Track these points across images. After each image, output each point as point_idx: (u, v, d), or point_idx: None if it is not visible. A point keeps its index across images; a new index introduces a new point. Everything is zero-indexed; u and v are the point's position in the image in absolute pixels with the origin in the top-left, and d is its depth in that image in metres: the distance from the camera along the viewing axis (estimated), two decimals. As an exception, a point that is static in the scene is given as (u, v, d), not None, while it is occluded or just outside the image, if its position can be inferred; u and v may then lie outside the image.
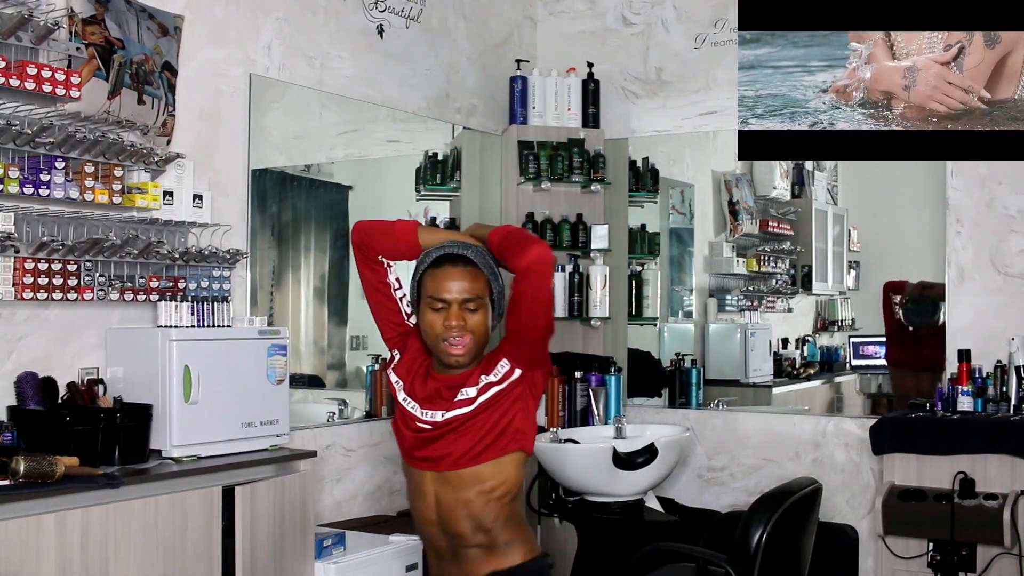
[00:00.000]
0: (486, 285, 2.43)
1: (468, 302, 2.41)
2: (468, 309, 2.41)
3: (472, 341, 2.42)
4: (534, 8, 5.23)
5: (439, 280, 2.42)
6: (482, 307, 2.42)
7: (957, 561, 3.75)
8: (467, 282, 2.41)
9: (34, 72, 2.87)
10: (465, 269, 2.41)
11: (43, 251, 2.98)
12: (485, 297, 2.43)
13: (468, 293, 2.41)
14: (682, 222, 5.55)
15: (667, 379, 5.06)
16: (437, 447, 2.46)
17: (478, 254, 2.44)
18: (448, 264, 2.42)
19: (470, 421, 2.43)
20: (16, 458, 2.59)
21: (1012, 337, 4.02)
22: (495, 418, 2.43)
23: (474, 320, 2.41)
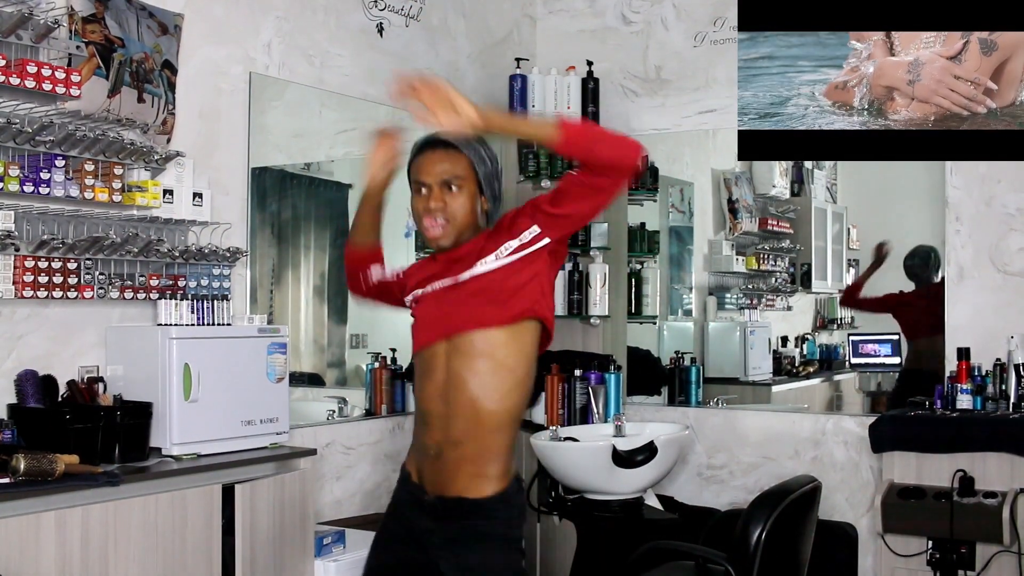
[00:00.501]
0: (469, 166, 2.44)
1: (448, 183, 2.43)
2: (448, 190, 2.43)
3: (451, 225, 2.43)
4: (534, 6, 5.23)
5: (420, 164, 2.47)
6: (464, 187, 2.43)
7: (956, 559, 3.75)
8: (447, 163, 2.43)
9: (34, 71, 2.87)
10: (445, 152, 2.44)
11: (43, 249, 2.98)
12: (467, 178, 2.44)
13: (447, 174, 2.43)
14: (681, 220, 5.55)
15: (666, 377, 5.06)
16: (453, 306, 2.44)
17: (463, 141, 2.43)
18: (428, 148, 2.47)
19: (492, 279, 2.41)
20: (16, 456, 2.59)
21: (1011, 335, 4.02)
22: (516, 280, 2.40)
23: (455, 201, 2.43)
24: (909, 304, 4.99)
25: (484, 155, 2.47)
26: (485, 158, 2.47)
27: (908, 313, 5.01)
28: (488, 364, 2.40)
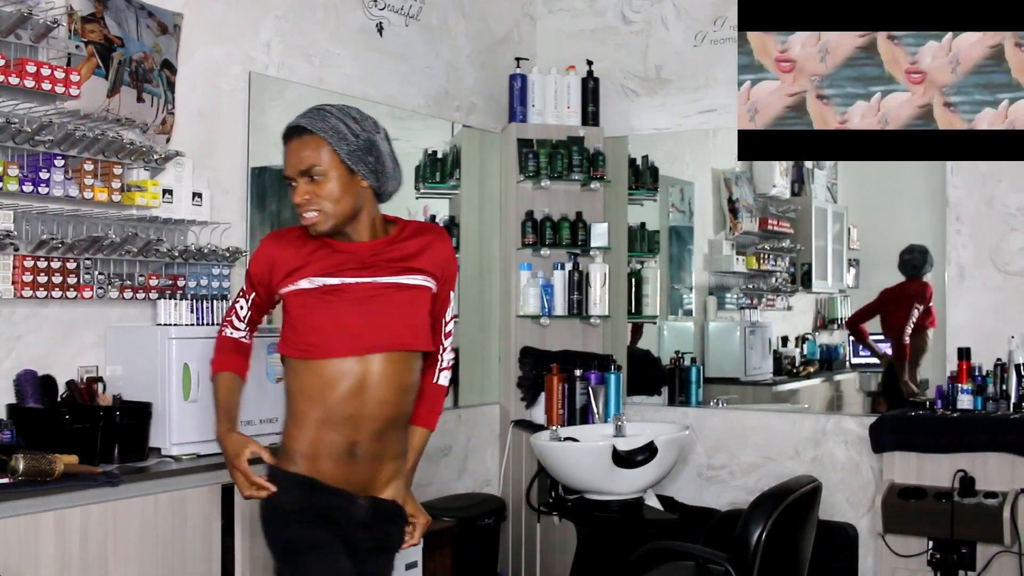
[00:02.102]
0: (329, 150, 2.31)
1: (307, 174, 2.32)
2: (311, 180, 2.32)
3: (323, 213, 2.33)
4: (534, 6, 5.23)
5: (284, 157, 2.36)
6: (329, 172, 2.32)
7: (957, 559, 3.75)
8: (305, 151, 2.31)
9: (33, 70, 2.87)
10: (300, 140, 2.32)
11: (42, 249, 2.98)
12: (330, 163, 2.31)
13: (305, 164, 2.31)
14: (682, 220, 5.55)
15: (667, 377, 5.05)
16: (382, 316, 2.38)
17: (318, 118, 2.32)
18: (286, 139, 2.36)
19: (416, 296, 2.43)
20: (15, 456, 2.59)
21: (1012, 335, 4.02)
22: (425, 310, 2.46)
23: (322, 189, 2.32)
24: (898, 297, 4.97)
25: (346, 130, 2.33)
26: (347, 133, 2.33)
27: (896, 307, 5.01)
28: (405, 378, 2.44)
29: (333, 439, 2.39)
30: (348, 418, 2.38)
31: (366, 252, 2.41)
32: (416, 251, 2.47)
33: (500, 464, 4.85)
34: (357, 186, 2.35)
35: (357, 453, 2.40)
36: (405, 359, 2.42)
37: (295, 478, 2.41)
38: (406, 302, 2.43)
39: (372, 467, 2.44)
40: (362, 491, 2.44)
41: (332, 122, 2.32)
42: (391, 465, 2.48)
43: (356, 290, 2.39)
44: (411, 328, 2.43)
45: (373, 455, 2.42)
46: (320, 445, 2.40)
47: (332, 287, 2.39)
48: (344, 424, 2.38)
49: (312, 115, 2.34)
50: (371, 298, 2.39)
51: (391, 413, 2.42)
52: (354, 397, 2.37)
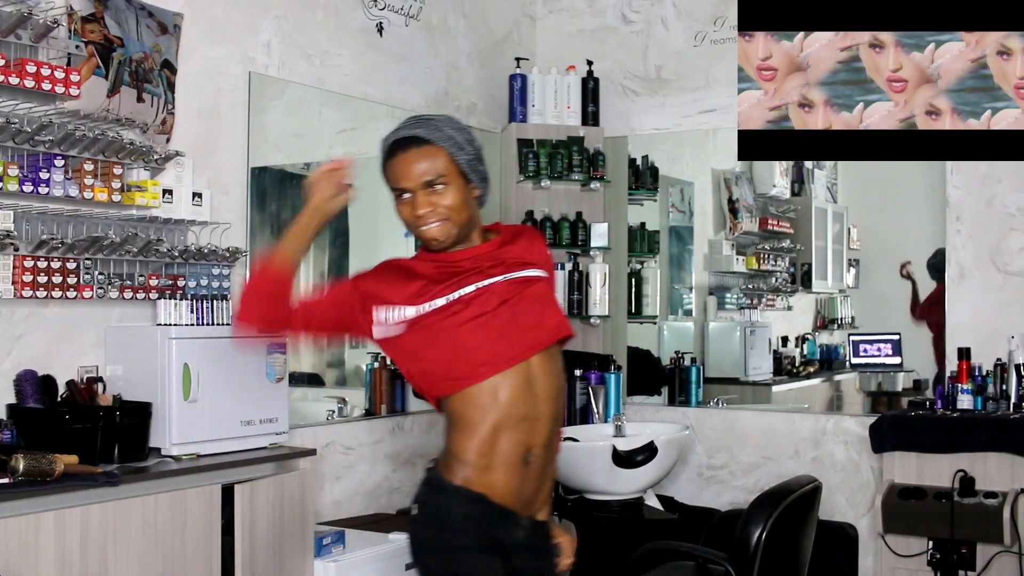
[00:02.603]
0: (449, 159, 2.24)
1: (430, 184, 2.24)
2: (434, 190, 2.24)
3: (449, 222, 2.25)
4: (533, 6, 5.23)
5: (395, 169, 2.26)
6: (450, 183, 2.24)
7: (957, 559, 3.75)
8: (424, 162, 2.23)
9: (33, 70, 2.87)
10: (419, 150, 2.24)
11: (42, 249, 2.98)
12: (450, 172, 2.25)
13: (428, 175, 2.23)
14: (682, 220, 5.55)
15: (667, 377, 5.06)
16: (531, 313, 2.25)
17: (432, 128, 2.25)
18: (399, 150, 2.26)
19: (545, 287, 2.34)
20: (15, 456, 2.59)
21: (1012, 335, 4.02)
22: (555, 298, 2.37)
23: (444, 200, 2.24)
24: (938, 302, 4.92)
25: (461, 140, 2.28)
26: (462, 143, 2.28)
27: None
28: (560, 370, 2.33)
29: (508, 445, 2.22)
30: (523, 419, 2.22)
31: (485, 257, 2.31)
32: (522, 252, 2.38)
33: (500, 464, 4.84)
34: (471, 195, 2.31)
35: (530, 461, 2.25)
36: (557, 351, 2.32)
37: (463, 491, 2.22)
38: (541, 294, 2.31)
39: (539, 480, 2.28)
40: (525, 510, 2.27)
41: (447, 132, 2.26)
42: (549, 483, 2.34)
43: (494, 292, 2.26)
44: (556, 316, 2.33)
45: (541, 465, 2.28)
46: (494, 453, 2.22)
47: (469, 296, 2.25)
48: (519, 427, 2.22)
49: (425, 125, 2.26)
50: (511, 298, 2.26)
51: (557, 410, 2.30)
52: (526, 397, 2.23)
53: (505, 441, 2.22)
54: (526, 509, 2.28)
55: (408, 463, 4.40)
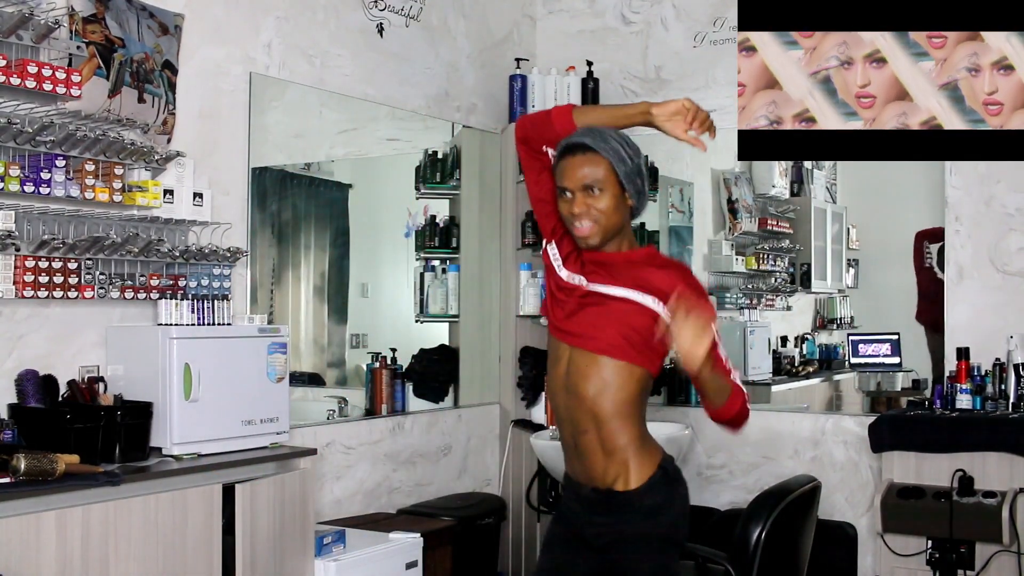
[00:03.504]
0: (609, 168, 2.47)
1: (589, 188, 2.47)
2: (591, 193, 2.47)
3: (597, 225, 2.48)
4: (533, 7, 5.24)
5: (563, 170, 2.50)
6: (606, 189, 2.47)
7: (956, 559, 3.75)
8: (587, 167, 2.46)
9: (35, 71, 2.87)
10: (584, 156, 2.47)
11: (44, 249, 2.98)
12: (608, 180, 2.47)
13: (588, 180, 2.46)
14: (681, 220, 5.55)
15: (666, 377, 5.06)
16: (585, 320, 2.51)
17: (600, 139, 2.47)
18: (568, 154, 2.49)
19: (616, 307, 2.49)
20: (17, 456, 2.59)
21: (1011, 335, 4.02)
22: (638, 324, 2.49)
23: (598, 203, 2.47)
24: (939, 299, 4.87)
25: (624, 154, 2.49)
26: (625, 156, 2.49)
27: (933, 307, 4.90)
28: (605, 373, 2.52)
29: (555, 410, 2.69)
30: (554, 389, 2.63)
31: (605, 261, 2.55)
32: (640, 275, 2.53)
33: (500, 464, 4.86)
34: (625, 204, 2.52)
35: (567, 440, 2.64)
36: (609, 363, 2.53)
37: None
38: (614, 312, 2.52)
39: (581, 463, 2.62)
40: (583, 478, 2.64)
41: (613, 144, 2.48)
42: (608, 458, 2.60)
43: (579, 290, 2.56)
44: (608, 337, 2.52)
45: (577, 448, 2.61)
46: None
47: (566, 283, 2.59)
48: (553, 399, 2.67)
49: (594, 135, 2.48)
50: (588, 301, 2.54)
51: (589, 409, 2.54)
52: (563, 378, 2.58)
53: (555, 404, 2.63)
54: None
55: (408, 463, 4.40)
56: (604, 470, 2.52)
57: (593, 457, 2.53)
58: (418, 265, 4.70)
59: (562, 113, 2.57)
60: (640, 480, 2.53)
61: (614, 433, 2.52)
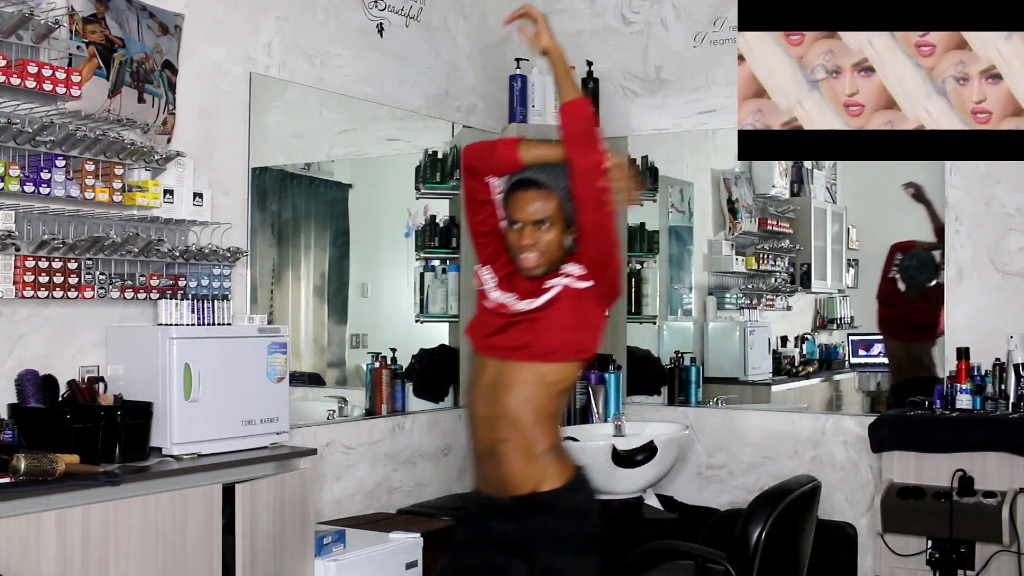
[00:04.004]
0: (558, 206, 2.60)
1: (539, 223, 2.60)
2: (540, 228, 2.60)
3: (543, 256, 2.62)
4: (534, 6, 5.22)
5: (514, 203, 2.63)
6: (554, 225, 2.61)
7: (956, 559, 3.75)
8: (538, 203, 2.60)
9: (35, 71, 2.87)
10: (538, 192, 2.61)
11: (44, 249, 2.98)
12: (556, 216, 2.61)
13: (539, 215, 2.60)
14: (681, 220, 5.56)
15: (666, 377, 5.06)
16: (521, 336, 2.61)
17: (552, 177, 2.62)
18: (521, 189, 2.63)
19: (552, 313, 2.60)
20: (17, 456, 2.59)
21: (1011, 335, 4.02)
22: (573, 318, 2.61)
23: (545, 238, 2.61)
24: (902, 306, 4.98)
25: (569, 192, 2.63)
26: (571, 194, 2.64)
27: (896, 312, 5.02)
28: (536, 376, 2.61)
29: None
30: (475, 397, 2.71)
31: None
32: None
33: (500, 464, 4.85)
34: (568, 237, 2.65)
35: (481, 446, 2.70)
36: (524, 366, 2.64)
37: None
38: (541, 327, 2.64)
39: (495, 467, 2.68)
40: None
41: (563, 183, 2.61)
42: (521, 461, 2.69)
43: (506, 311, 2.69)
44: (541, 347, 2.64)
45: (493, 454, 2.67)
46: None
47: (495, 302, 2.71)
48: (471, 408, 2.74)
49: (548, 173, 2.63)
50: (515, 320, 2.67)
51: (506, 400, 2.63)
52: (473, 389, 2.71)
53: (472, 413, 2.71)
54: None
55: (408, 463, 4.41)
56: (524, 476, 2.59)
57: (512, 464, 2.59)
58: (418, 265, 4.70)
59: (508, 145, 2.69)
60: (563, 480, 2.60)
61: (535, 440, 2.60)
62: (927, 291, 4.67)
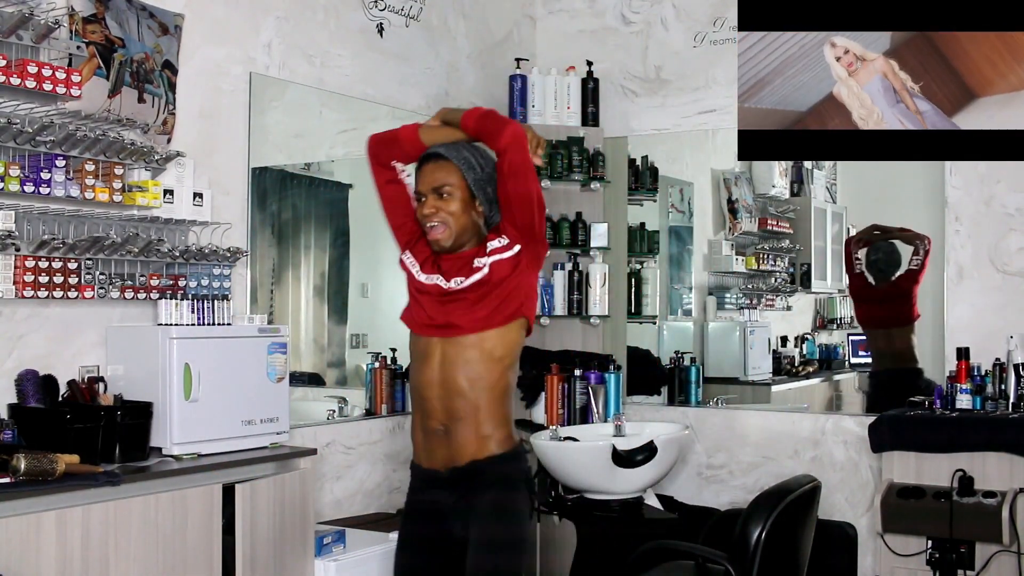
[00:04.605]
0: (458, 174, 2.73)
1: (438, 189, 2.72)
2: (441, 197, 2.72)
3: (447, 227, 2.73)
4: (533, 7, 5.24)
5: (419, 177, 2.79)
6: (455, 193, 2.72)
7: (956, 559, 3.75)
8: (439, 173, 2.73)
9: (35, 71, 2.87)
10: (437, 163, 2.74)
11: (44, 249, 2.98)
12: (457, 185, 2.73)
13: (437, 182, 2.73)
14: (681, 220, 5.56)
15: (666, 377, 5.06)
16: (454, 313, 2.71)
17: (453, 149, 2.75)
18: (424, 163, 2.79)
19: (486, 286, 2.70)
20: (17, 456, 2.59)
21: (1011, 335, 4.02)
22: (506, 289, 2.69)
23: (448, 206, 2.72)
24: (868, 297, 5.04)
25: (475, 163, 2.76)
26: (475, 165, 2.75)
27: (867, 306, 5.09)
28: (479, 351, 2.70)
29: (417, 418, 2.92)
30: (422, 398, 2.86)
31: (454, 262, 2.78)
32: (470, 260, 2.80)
33: (500, 464, 4.85)
34: (475, 209, 2.76)
35: (430, 426, 2.85)
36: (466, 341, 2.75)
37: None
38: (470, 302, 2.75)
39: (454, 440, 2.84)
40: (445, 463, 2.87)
41: (464, 154, 2.75)
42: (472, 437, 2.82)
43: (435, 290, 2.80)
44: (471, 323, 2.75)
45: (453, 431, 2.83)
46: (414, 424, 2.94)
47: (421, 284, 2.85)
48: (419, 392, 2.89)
49: (448, 146, 2.77)
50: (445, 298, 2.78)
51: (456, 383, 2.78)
52: (422, 373, 2.83)
53: (420, 396, 2.83)
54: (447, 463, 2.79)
55: (408, 463, 4.39)
56: (469, 449, 2.72)
57: (463, 440, 2.72)
58: (418, 265, 4.69)
59: (409, 130, 2.86)
60: (500, 451, 2.73)
61: (488, 418, 2.71)
62: (898, 279, 4.75)
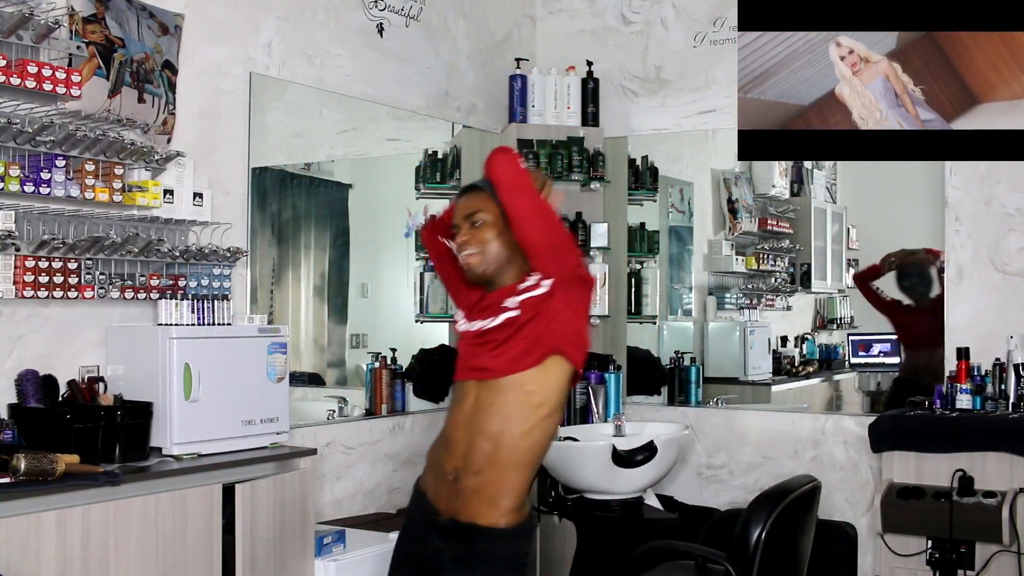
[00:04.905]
0: (491, 202, 2.62)
1: (470, 217, 2.63)
2: (474, 225, 2.63)
3: (481, 254, 2.62)
4: (534, 7, 5.24)
5: (453, 211, 2.74)
6: (488, 219, 2.62)
7: (956, 559, 3.75)
8: (472, 201, 2.66)
9: (35, 71, 2.87)
10: (471, 195, 2.69)
11: (44, 249, 2.98)
12: (489, 212, 2.62)
13: (470, 209, 2.64)
14: (681, 220, 5.56)
15: (666, 377, 5.06)
16: (485, 356, 2.59)
17: (486, 181, 2.67)
18: (459, 197, 2.76)
19: (514, 327, 2.55)
20: (17, 456, 2.59)
21: (1011, 335, 4.02)
22: (537, 327, 2.54)
23: (480, 234, 2.62)
24: (909, 322, 4.99)
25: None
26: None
27: (908, 328, 5.03)
28: (516, 394, 2.54)
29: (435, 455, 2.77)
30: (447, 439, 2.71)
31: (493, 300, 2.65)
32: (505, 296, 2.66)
33: (500, 464, 4.85)
34: (509, 238, 2.61)
35: (448, 473, 2.67)
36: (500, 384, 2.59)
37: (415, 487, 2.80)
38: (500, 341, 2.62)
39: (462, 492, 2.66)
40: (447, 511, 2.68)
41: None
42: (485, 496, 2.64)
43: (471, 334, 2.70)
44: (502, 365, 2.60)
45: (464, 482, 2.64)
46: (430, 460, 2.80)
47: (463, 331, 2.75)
48: (442, 443, 2.74)
49: (484, 179, 2.69)
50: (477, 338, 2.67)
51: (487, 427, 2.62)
52: (453, 415, 2.72)
53: (440, 457, 2.69)
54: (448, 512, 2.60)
55: (408, 463, 4.40)
56: (474, 512, 2.54)
57: (471, 498, 2.54)
58: (418, 265, 4.69)
59: (445, 213, 2.87)
60: (506, 522, 2.54)
61: (505, 479, 2.53)
62: (931, 301, 4.65)
